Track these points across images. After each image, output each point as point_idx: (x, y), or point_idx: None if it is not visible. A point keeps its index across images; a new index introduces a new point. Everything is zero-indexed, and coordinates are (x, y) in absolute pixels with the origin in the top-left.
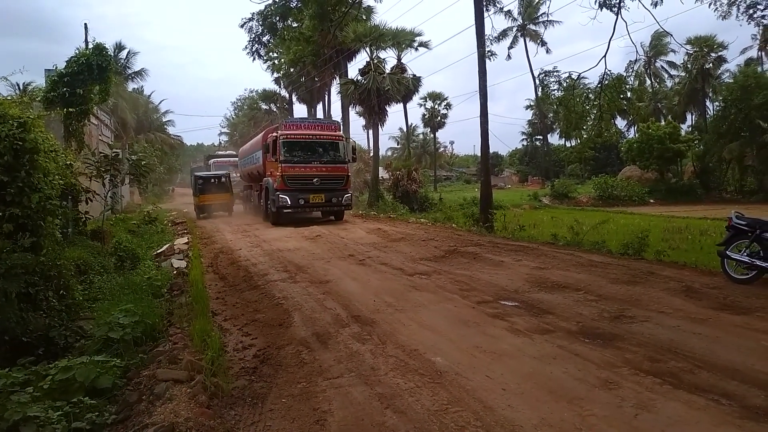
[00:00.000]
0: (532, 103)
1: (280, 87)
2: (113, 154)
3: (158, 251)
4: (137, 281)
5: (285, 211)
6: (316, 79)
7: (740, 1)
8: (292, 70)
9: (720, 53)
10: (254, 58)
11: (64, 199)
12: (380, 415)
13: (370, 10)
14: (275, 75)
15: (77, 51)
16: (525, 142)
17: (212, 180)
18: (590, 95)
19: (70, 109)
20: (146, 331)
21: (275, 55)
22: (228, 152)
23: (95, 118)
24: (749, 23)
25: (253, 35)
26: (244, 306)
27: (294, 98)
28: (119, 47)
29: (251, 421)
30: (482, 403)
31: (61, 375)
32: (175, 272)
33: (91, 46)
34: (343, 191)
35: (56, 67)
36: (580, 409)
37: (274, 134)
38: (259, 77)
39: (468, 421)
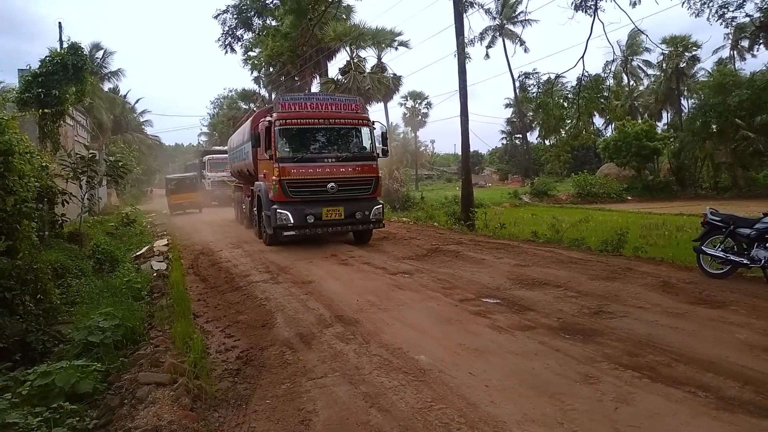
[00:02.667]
0: (511, 102)
1: (259, 86)
2: (90, 155)
3: (137, 253)
4: (116, 284)
5: (286, 233)
6: (296, 79)
7: (712, 2)
8: (271, 69)
9: (694, 53)
10: (227, 52)
11: (40, 202)
12: (365, 414)
13: (349, 9)
14: (255, 74)
15: (51, 50)
16: (505, 141)
17: (183, 181)
18: (569, 96)
19: (45, 110)
20: (127, 335)
21: (254, 53)
22: (225, 148)
23: (71, 119)
24: (721, 24)
25: (227, 28)
26: (226, 307)
27: (273, 96)
28: (95, 47)
29: (235, 422)
30: (466, 399)
31: (41, 380)
32: (155, 274)
33: (66, 45)
34: (372, 201)
35: (30, 67)
36: (562, 403)
37: (266, 119)
38: (239, 77)
39: (452, 418)
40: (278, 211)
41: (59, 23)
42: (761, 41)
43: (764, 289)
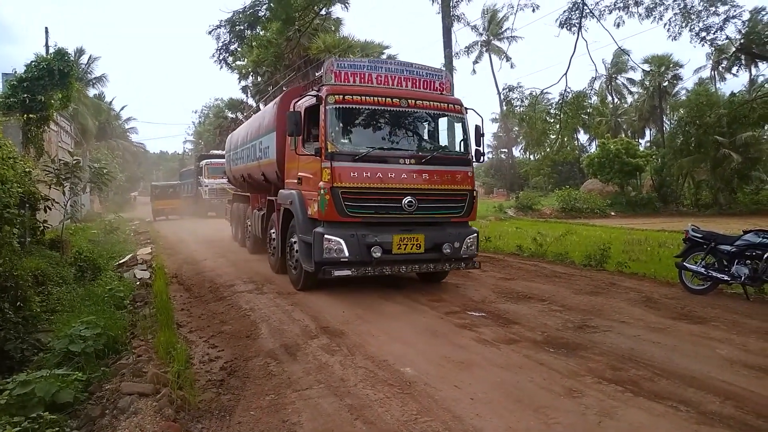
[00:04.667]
0: (497, 117)
1: (247, 96)
2: (74, 162)
3: (120, 261)
4: (98, 292)
5: (338, 272)
6: (285, 89)
7: (693, 24)
8: (259, 78)
9: (676, 72)
10: (221, 67)
11: (22, 208)
12: (350, 426)
13: (339, 22)
14: (242, 83)
15: (37, 55)
16: (491, 155)
17: (165, 189)
18: (552, 111)
19: (30, 116)
20: (109, 344)
21: (242, 62)
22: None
23: (55, 125)
24: (702, 45)
25: (222, 44)
26: (210, 317)
27: (261, 106)
28: (79, 52)
29: None
30: (451, 412)
31: (20, 389)
32: (138, 283)
33: (52, 50)
34: (463, 227)
35: (15, 72)
36: (546, 417)
37: (312, 94)
38: (226, 86)
39: (437, 431)
40: (327, 237)
41: (46, 28)
42: (741, 63)
43: (744, 306)
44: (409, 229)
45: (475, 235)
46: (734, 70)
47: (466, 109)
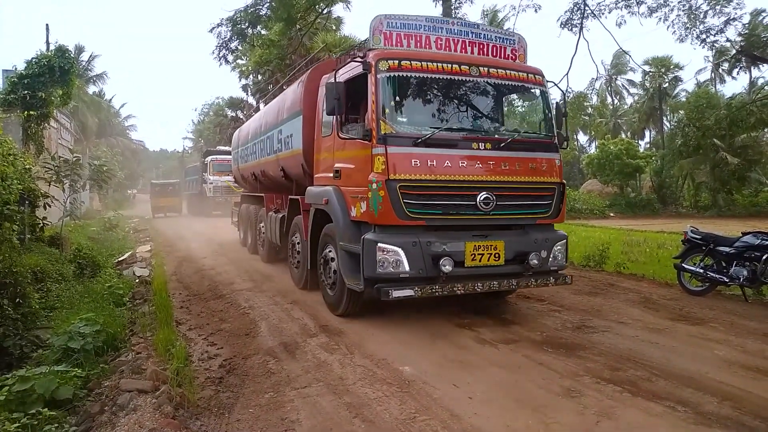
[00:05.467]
0: None
1: (247, 94)
2: (74, 159)
3: (120, 259)
4: (98, 289)
5: (397, 293)
6: (285, 88)
7: (694, 27)
8: (260, 77)
9: (676, 73)
10: (221, 64)
11: (22, 204)
12: (348, 425)
13: (339, 21)
14: (243, 82)
15: (38, 52)
16: None
17: (165, 187)
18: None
19: (30, 112)
20: (108, 341)
21: (243, 61)
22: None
23: (55, 122)
24: (703, 47)
25: (221, 41)
26: (210, 315)
27: (261, 106)
28: (79, 49)
29: (218, 431)
30: (449, 411)
31: (19, 386)
32: (137, 280)
33: (53, 47)
34: (548, 230)
35: (16, 68)
36: (544, 416)
37: (357, 60)
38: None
39: (435, 429)
40: (382, 246)
41: (46, 25)
42: (741, 65)
43: (742, 307)
44: (483, 234)
45: (565, 241)
46: (734, 72)
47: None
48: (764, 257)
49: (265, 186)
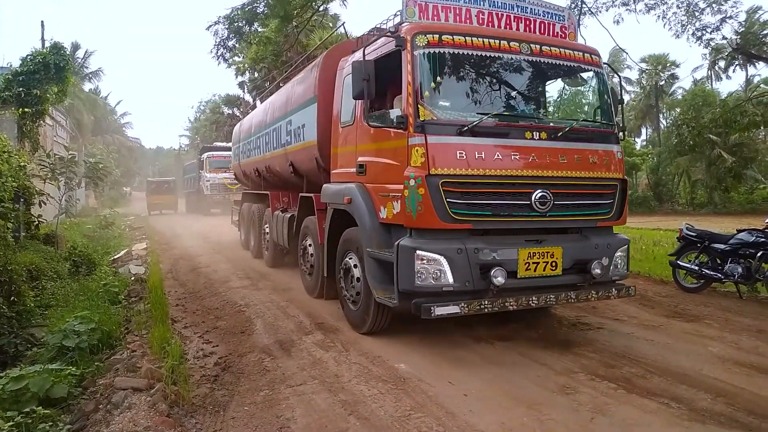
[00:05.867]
0: None
1: (243, 91)
2: (69, 156)
3: (115, 257)
4: (93, 287)
5: (440, 310)
6: (282, 85)
7: (690, 24)
8: (256, 74)
9: (672, 71)
10: (219, 63)
11: (17, 202)
12: (344, 422)
13: (336, 18)
14: (239, 79)
15: (33, 49)
16: None
17: (161, 184)
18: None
19: (26, 110)
20: (103, 339)
21: (239, 58)
22: (229, 144)
23: (51, 119)
24: (699, 45)
25: (219, 39)
26: (205, 313)
27: (258, 103)
28: (75, 46)
29: (213, 429)
30: (444, 408)
31: (13, 384)
32: (133, 278)
33: (48, 44)
34: (608, 233)
35: (11, 65)
36: (539, 413)
37: (389, 35)
38: (223, 81)
39: (430, 427)
40: (421, 253)
41: (41, 22)
42: (737, 63)
43: (736, 304)
44: (537, 239)
45: (627, 246)
46: (730, 70)
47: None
48: (759, 254)
49: (270, 183)
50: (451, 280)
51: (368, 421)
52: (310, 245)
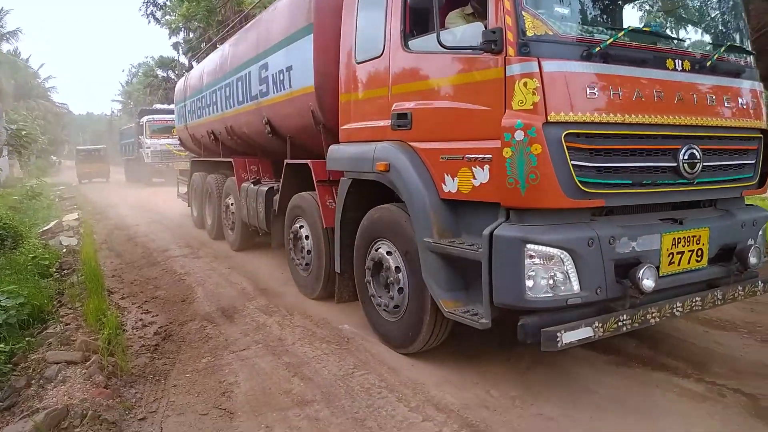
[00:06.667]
0: None
1: (178, 53)
2: None
3: (45, 228)
4: (21, 261)
5: (572, 335)
6: (218, 45)
7: None
8: (191, 34)
9: None
10: (150, 21)
11: None
12: (287, 383)
13: None
14: (173, 39)
15: None
16: None
17: (91, 152)
18: None
19: None
20: (33, 314)
21: (171, 17)
22: (171, 107)
23: None
24: None
25: None
26: (144, 283)
27: (195, 64)
28: None
29: (153, 398)
30: (387, 365)
31: None
32: (64, 250)
33: None
34: (750, 208)
35: None
36: (479, 367)
37: None
38: (156, 43)
39: (373, 383)
40: (533, 248)
41: None
42: None
43: None
44: (675, 219)
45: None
46: None
47: None
48: None
49: (230, 149)
50: (577, 287)
51: (312, 381)
52: (302, 228)
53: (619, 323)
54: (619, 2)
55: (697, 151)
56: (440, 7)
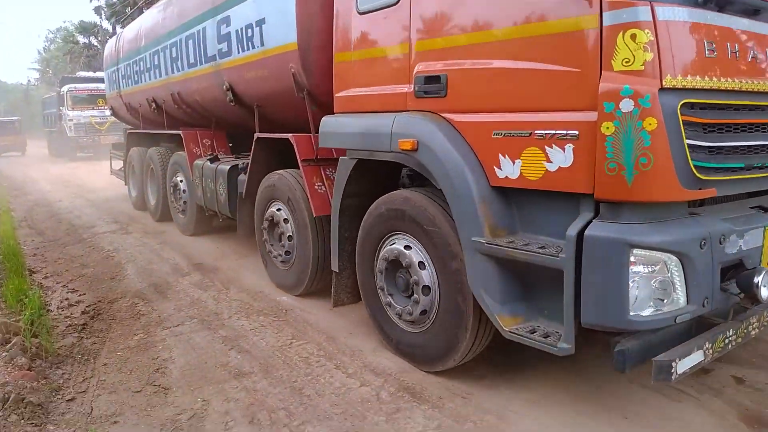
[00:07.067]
0: None
1: (101, 17)
2: None
3: None
4: None
5: (685, 362)
6: (144, 10)
7: None
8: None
9: None
10: None
11: None
12: (224, 356)
13: None
14: (94, 3)
15: None
16: None
17: (3, 124)
18: None
19: None
20: None
21: None
22: (95, 75)
23: None
24: None
25: None
26: (69, 261)
27: (119, 29)
28: None
29: (82, 377)
30: (325, 333)
31: None
32: None
33: None
34: None
35: None
36: None
37: None
38: (75, 6)
39: (311, 353)
40: (641, 253)
41: None
42: None
43: None
44: (765, 207)
45: None
46: None
47: None
48: None
49: (177, 119)
50: (683, 300)
51: (249, 353)
52: (279, 211)
53: (726, 341)
54: None
55: None
56: None
